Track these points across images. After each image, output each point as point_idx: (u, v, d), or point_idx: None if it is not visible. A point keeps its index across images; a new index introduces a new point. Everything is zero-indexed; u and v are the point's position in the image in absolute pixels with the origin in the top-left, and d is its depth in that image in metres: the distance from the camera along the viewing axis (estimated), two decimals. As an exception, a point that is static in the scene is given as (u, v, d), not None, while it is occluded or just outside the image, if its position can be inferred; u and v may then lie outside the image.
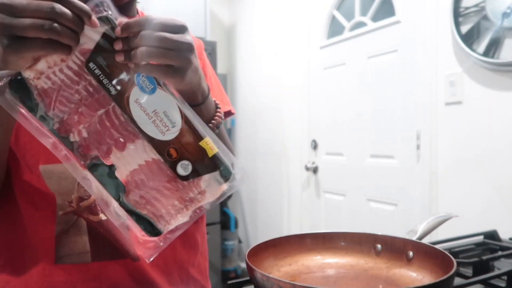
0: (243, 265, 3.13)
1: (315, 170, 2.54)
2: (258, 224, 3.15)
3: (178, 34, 0.47)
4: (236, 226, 3.06)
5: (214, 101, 0.62)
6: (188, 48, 0.48)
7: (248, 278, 0.56)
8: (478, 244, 0.79)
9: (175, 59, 0.46)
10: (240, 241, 3.21)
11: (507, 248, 0.75)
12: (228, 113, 0.82)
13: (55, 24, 0.41)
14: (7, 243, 0.65)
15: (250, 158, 3.18)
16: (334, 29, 2.42)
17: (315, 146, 2.55)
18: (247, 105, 3.23)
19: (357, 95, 2.21)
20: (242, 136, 3.32)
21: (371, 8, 2.15)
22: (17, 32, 0.41)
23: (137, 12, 0.72)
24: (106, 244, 0.63)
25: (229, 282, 0.58)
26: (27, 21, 0.41)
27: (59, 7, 0.41)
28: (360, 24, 2.23)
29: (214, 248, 2.80)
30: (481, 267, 0.65)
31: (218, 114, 0.61)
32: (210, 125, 0.60)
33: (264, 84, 3.00)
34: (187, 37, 0.48)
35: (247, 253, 0.53)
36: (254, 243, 0.66)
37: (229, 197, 3.28)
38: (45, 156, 0.60)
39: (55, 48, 0.43)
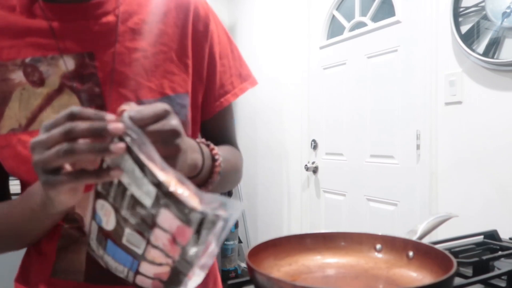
0: (243, 265, 3.13)
1: (315, 170, 2.54)
2: (258, 224, 3.15)
3: (160, 121, 0.43)
4: (236, 226, 3.06)
5: (213, 153, 0.60)
6: (171, 134, 0.44)
7: (248, 278, 0.56)
8: (478, 244, 0.79)
9: (161, 150, 0.42)
10: (240, 241, 3.21)
11: (507, 248, 0.75)
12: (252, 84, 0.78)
13: (69, 147, 0.38)
14: (25, 254, 0.66)
15: (250, 158, 3.18)
16: (334, 29, 2.42)
17: (315, 146, 2.55)
18: (247, 105, 3.22)
19: (357, 95, 2.21)
20: (242, 136, 3.32)
21: (371, 8, 2.15)
22: (46, 165, 0.39)
23: None
24: (104, 270, 0.60)
25: (229, 282, 0.58)
26: (51, 151, 0.39)
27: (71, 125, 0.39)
28: (360, 24, 2.23)
29: (214, 248, 2.80)
30: (481, 267, 0.65)
31: (215, 170, 0.60)
32: (209, 183, 0.59)
33: (264, 84, 3.00)
34: (170, 123, 0.44)
35: (247, 253, 0.53)
36: (254, 243, 0.66)
37: (229, 197, 3.29)
38: None
39: (78, 177, 0.40)
